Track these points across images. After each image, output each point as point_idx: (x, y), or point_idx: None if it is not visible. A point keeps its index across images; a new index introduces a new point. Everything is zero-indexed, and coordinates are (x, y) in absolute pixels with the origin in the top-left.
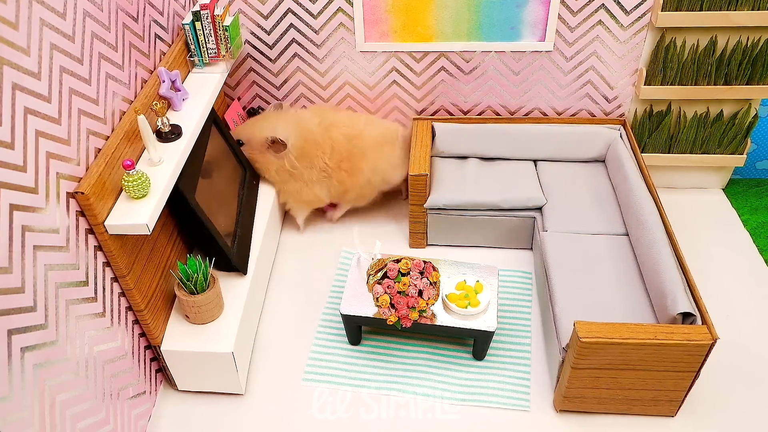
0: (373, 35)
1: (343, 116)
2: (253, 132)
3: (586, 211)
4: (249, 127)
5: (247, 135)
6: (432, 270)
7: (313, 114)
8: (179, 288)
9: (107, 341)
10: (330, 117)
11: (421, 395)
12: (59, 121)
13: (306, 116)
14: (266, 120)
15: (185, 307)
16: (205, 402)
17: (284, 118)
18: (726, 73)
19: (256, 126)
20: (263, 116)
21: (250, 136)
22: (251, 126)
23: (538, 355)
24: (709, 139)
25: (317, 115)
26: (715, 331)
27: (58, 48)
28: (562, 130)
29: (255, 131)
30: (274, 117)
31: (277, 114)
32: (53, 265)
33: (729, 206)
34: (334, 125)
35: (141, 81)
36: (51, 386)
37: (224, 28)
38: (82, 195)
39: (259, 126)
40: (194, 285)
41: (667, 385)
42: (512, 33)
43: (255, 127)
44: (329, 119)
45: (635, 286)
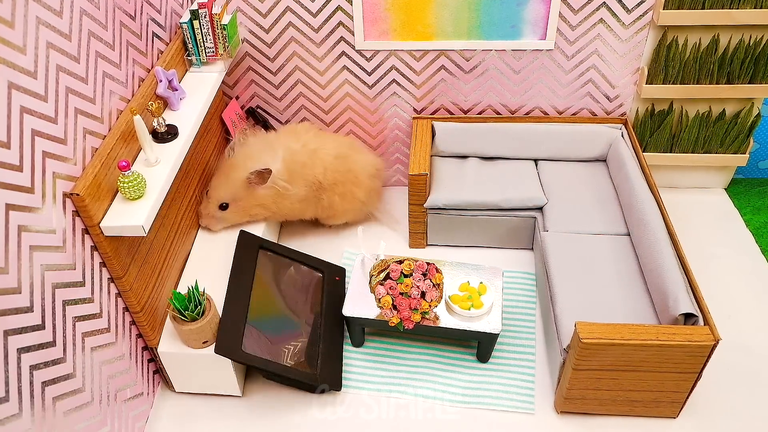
0: (372, 33)
1: (324, 139)
2: (228, 187)
3: (587, 211)
4: (223, 184)
5: (227, 194)
6: (435, 271)
7: (289, 137)
8: (175, 319)
9: (104, 342)
10: (311, 140)
11: (423, 397)
12: (55, 120)
13: (282, 140)
14: (236, 166)
15: (182, 336)
16: (202, 403)
17: (256, 150)
18: (728, 71)
19: (229, 179)
20: (231, 165)
21: (231, 192)
22: (224, 182)
23: (539, 356)
24: (711, 138)
25: (295, 138)
26: (717, 332)
27: (55, 46)
28: (563, 129)
29: (231, 183)
30: (243, 157)
31: (244, 152)
32: (50, 265)
33: (731, 206)
34: (321, 148)
35: (138, 80)
36: (48, 388)
37: (222, 26)
38: (78, 197)
39: (231, 177)
40: (193, 313)
41: (669, 386)
42: (513, 31)
43: (229, 180)
44: (312, 143)
45: (637, 287)
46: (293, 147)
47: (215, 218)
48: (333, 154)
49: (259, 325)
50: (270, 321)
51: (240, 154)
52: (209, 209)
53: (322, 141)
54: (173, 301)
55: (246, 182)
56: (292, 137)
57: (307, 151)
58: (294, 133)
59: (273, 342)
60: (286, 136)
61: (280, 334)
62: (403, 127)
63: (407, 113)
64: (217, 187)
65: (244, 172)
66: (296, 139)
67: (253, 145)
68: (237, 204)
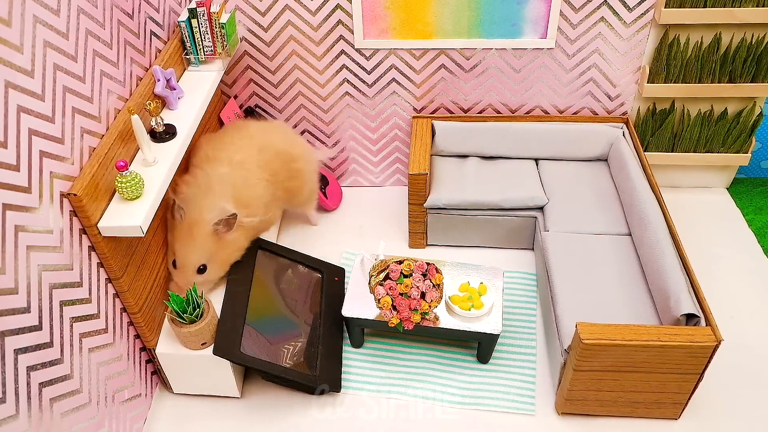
0: (372, 32)
1: (241, 143)
2: (198, 247)
3: (588, 210)
4: (191, 247)
5: (201, 255)
6: (435, 272)
7: (211, 164)
8: (173, 322)
9: (102, 343)
10: (233, 153)
11: (423, 398)
12: (53, 119)
13: (210, 172)
14: (195, 223)
15: (181, 338)
16: (200, 405)
17: (200, 198)
18: (730, 70)
19: (196, 239)
20: (188, 225)
21: (204, 251)
22: (192, 244)
23: (540, 357)
24: (713, 137)
25: (216, 162)
26: (719, 333)
27: (52, 45)
28: (564, 128)
29: (200, 243)
30: (195, 210)
31: (193, 206)
32: (47, 265)
33: (733, 206)
34: (246, 158)
35: (136, 79)
36: (45, 389)
37: (221, 25)
38: (75, 196)
39: (197, 237)
40: (192, 315)
41: (671, 387)
42: (513, 30)
43: (196, 241)
44: (236, 155)
45: (638, 287)
46: (224, 172)
47: (198, 285)
48: (257, 155)
49: (258, 326)
50: (269, 321)
51: (191, 210)
52: (186, 279)
53: (239, 148)
54: (171, 303)
55: (214, 234)
56: (213, 162)
57: (237, 167)
58: (207, 158)
59: (272, 342)
60: (209, 165)
61: (279, 334)
62: (403, 127)
63: (407, 112)
64: (186, 253)
65: (207, 226)
66: (218, 163)
67: (195, 196)
68: (214, 260)
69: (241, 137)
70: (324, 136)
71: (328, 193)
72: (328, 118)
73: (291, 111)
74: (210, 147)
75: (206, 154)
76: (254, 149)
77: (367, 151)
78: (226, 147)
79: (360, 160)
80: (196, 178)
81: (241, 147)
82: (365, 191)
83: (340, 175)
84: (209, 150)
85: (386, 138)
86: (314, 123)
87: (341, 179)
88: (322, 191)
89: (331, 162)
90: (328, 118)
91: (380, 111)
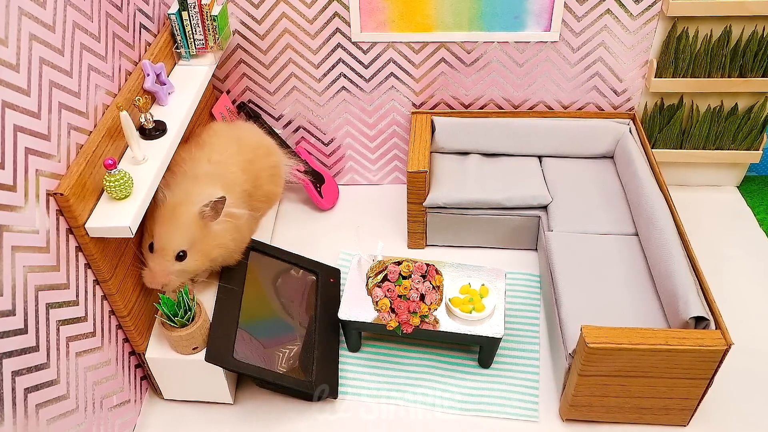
0: (369, 25)
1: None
2: (180, 230)
3: (593, 209)
4: (173, 229)
5: (182, 239)
6: (435, 273)
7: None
8: (164, 325)
9: (90, 347)
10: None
11: (422, 404)
12: (39, 115)
13: (199, 165)
14: (180, 203)
15: (172, 342)
16: (192, 411)
17: (189, 184)
18: (741, 64)
19: (179, 221)
20: (172, 205)
21: (186, 235)
22: (174, 226)
23: (544, 361)
24: (723, 134)
25: (203, 159)
26: (729, 336)
27: (38, 38)
28: (569, 124)
29: (182, 225)
30: (183, 193)
31: (181, 188)
32: (32, 267)
33: (744, 205)
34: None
35: (125, 73)
36: (31, 395)
37: (212, 17)
38: (62, 196)
39: (181, 218)
40: (183, 318)
41: (679, 392)
42: (516, 23)
43: (179, 223)
44: (214, 155)
45: (645, 289)
46: (208, 169)
47: (172, 273)
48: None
49: (252, 329)
50: (263, 324)
51: (177, 193)
52: (163, 265)
53: (215, 148)
54: (162, 306)
55: (199, 218)
56: (198, 161)
57: (219, 165)
58: (191, 158)
59: (266, 346)
60: (190, 163)
61: (273, 337)
62: (402, 123)
63: (406, 108)
64: (165, 235)
65: (193, 207)
66: (204, 159)
67: (181, 182)
68: (195, 248)
69: (217, 137)
70: (320, 132)
71: (323, 192)
72: (324, 113)
73: (285, 106)
74: (185, 151)
75: (182, 157)
76: (233, 148)
77: (365, 148)
78: (209, 147)
79: (357, 158)
80: (181, 170)
81: (221, 150)
82: (362, 190)
83: (337, 173)
84: (184, 153)
85: (384, 134)
86: (309, 119)
87: (337, 177)
88: (317, 190)
89: (327, 159)
90: (324, 113)
91: (378, 107)
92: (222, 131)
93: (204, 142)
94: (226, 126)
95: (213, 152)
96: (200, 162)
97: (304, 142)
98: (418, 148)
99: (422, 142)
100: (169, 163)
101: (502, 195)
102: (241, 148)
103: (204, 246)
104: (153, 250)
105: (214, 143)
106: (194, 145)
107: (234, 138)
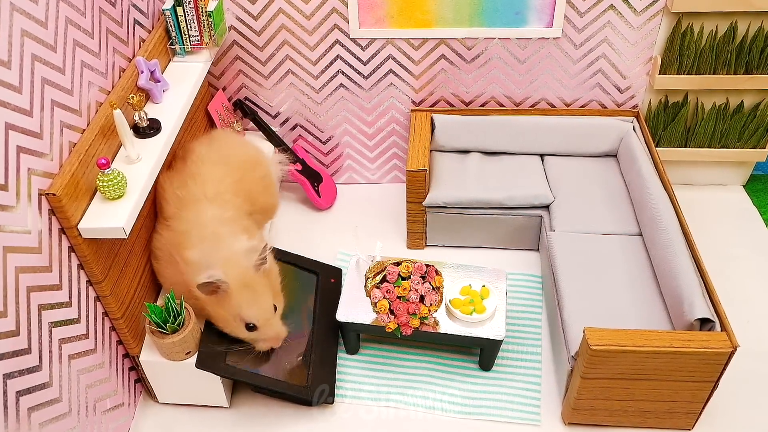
0: (368, 21)
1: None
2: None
3: (596, 209)
4: (256, 301)
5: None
6: (435, 274)
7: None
8: (154, 333)
9: (83, 349)
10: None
11: (422, 408)
12: (30, 113)
13: (210, 214)
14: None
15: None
16: (187, 415)
17: (227, 248)
18: (747, 61)
19: (261, 293)
20: (241, 290)
21: (271, 296)
22: (257, 298)
23: (546, 364)
24: (729, 132)
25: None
26: (735, 339)
27: (29, 34)
28: (571, 122)
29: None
30: (235, 267)
31: (224, 260)
32: (25, 267)
33: (750, 204)
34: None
35: (119, 70)
36: (23, 398)
37: (207, 13)
38: (54, 196)
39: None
40: (174, 324)
41: (684, 396)
42: (517, 18)
43: (264, 293)
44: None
45: (649, 290)
46: (216, 214)
47: (281, 326)
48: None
49: None
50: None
51: (216, 258)
52: (274, 330)
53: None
54: (150, 315)
55: (261, 274)
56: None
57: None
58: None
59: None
60: (193, 210)
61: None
62: (401, 121)
63: (405, 105)
64: (257, 310)
65: (253, 272)
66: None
67: (210, 255)
68: (275, 295)
69: (203, 163)
70: (317, 130)
71: (321, 191)
72: (322, 111)
73: (282, 104)
74: (180, 188)
75: (178, 197)
76: (220, 172)
77: (363, 146)
78: (196, 181)
79: (355, 156)
80: (197, 224)
81: (208, 176)
82: (361, 189)
83: (335, 172)
84: (181, 192)
85: (383, 132)
86: (307, 117)
87: (335, 176)
88: (315, 189)
89: (325, 157)
90: (321, 111)
91: (377, 104)
92: (205, 155)
93: (194, 173)
94: (206, 146)
95: (206, 185)
96: (203, 205)
97: (301, 141)
98: (417, 147)
99: (422, 140)
100: (168, 200)
101: (504, 194)
102: (229, 169)
103: (276, 287)
104: (254, 328)
105: (203, 173)
106: (188, 178)
107: (219, 159)
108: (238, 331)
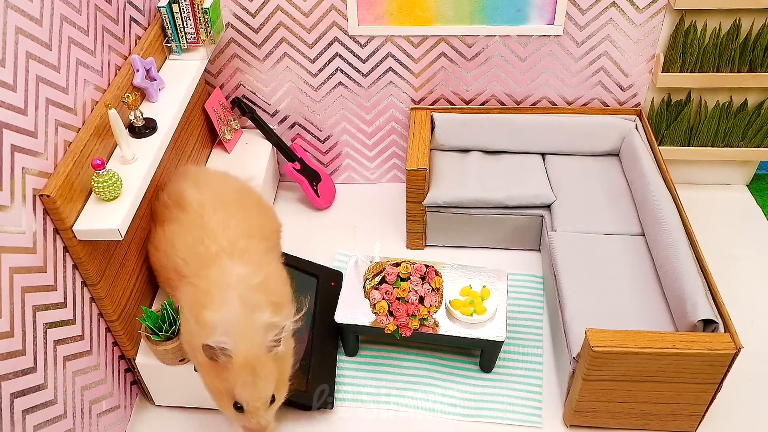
0: (367, 18)
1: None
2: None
3: (598, 209)
4: (254, 385)
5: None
6: (434, 275)
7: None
8: (148, 339)
9: (78, 351)
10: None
11: (422, 410)
12: (25, 111)
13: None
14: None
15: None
16: (183, 417)
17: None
18: (750, 59)
19: (264, 378)
20: (242, 369)
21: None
22: (258, 382)
23: (547, 365)
24: (732, 130)
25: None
26: (738, 340)
27: (24, 32)
28: (573, 121)
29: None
30: (246, 343)
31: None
32: (19, 268)
33: (754, 204)
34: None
35: (114, 68)
36: (17, 400)
37: (204, 10)
38: (48, 198)
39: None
40: (168, 332)
41: (687, 398)
42: (518, 16)
43: (266, 378)
44: (212, 246)
45: (652, 291)
46: (234, 271)
47: (271, 419)
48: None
49: None
50: None
51: (239, 342)
52: (262, 421)
53: (209, 230)
54: (145, 320)
55: (272, 357)
56: (218, 262)
57: (238, 254)
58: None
59: None
60: (205, 273)
61: None
62: (400, 119)
63: (404, 104)
64: (253, 394)
65: (262, 351)
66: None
67: (227, 321)
68: (279, 384)
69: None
70: (316, 129)
71: (320, 191)
72: (321, 109)
73: (280, 103)
74: (194, 245)
75: (198, 255)
76: (222, 214)
77: (362, 145)
78: (207, 234)
79: (354, 155)
80: (212, 287)
81: (211, 225)
82: (360, 188)
83: (333, 171)
84: (197, 249)
85: (382, 131)
86: (305, 115)
87: (334, 175)
88: (313, 188)
89: (323, 156)
90: (320, 109)
91: (376, 102)
92: (203, 201)
93: (202, 225)
94: (195, 189)
95: (218, 237)
96: (223, 261)
97: (299, 139)
98: (417, 146)
99: (421, 139)
100: (186, 259)
101: (504, 194)
102: (229, 210)
103: (283, 375)
104: (241, 409)
105: (211, 224)
106: (198, 231)
107: (215, 201)
108: (223, 405)
